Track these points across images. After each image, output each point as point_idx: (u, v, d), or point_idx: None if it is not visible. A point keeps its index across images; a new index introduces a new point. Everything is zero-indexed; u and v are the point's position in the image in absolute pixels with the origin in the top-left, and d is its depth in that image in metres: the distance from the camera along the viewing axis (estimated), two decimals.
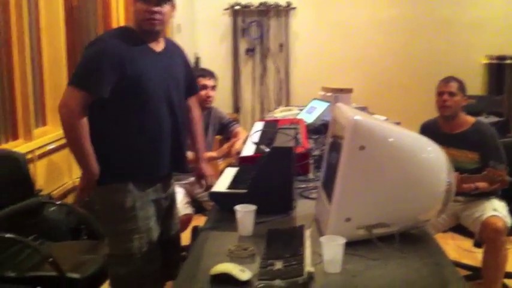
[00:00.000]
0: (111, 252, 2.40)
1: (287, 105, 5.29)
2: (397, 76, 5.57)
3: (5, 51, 3.30)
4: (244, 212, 1.96)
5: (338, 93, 4.24)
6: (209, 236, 2.01)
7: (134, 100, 2.29)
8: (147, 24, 2.31)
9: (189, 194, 3.47)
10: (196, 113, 2.71)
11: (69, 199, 3.93)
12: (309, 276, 1.59)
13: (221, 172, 4.21)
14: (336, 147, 1.95)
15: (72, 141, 2.27)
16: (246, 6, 5.62)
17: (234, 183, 2.33)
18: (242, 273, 1.60)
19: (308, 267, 1.63)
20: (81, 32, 4.15)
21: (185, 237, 3.23)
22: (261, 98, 5.52)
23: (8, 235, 2.49)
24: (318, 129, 3.67)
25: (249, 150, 2.93)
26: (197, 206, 3.51)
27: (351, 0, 5.59)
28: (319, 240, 1.71)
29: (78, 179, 2.39)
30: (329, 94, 4.30)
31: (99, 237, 3.36)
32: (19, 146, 3.29)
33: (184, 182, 3.43)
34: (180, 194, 3.30)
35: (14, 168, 2.78)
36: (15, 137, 3.42)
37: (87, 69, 2.25)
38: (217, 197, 2.25)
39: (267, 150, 2.20)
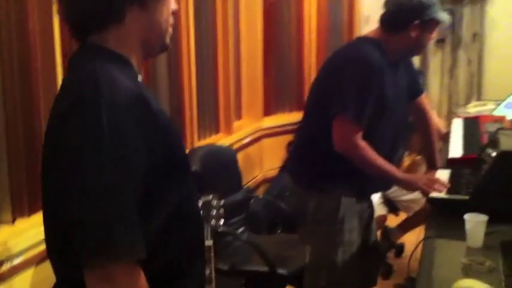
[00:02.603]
0: (314, 261, 2.42)
1: (478, 99, 4.98)
2: None
3: (211, 52, 3.45)
4: (476, 222, 1.85)
5: None
6: (435, 245, 1.92)
7: (375, 121, 2.27)
8: (416, 54, 2.48)
9: (383, 193, 3.42)
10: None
11: (260, 191, 4.05)
12: None
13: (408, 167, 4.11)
14: None
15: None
16: None
17: (453, 188, 2.22)
18: None
19: None
20: (277, 27, 4.22)
21: None
22: (449, 91, 5.26)
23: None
24: None
25: (456, 150, 2.79)
26: (391, 205, 3.44)
27: None
28: None
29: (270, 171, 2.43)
30: None
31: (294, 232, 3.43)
32: (220, 140, 3.44)
33: None
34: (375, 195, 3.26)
35: (227, 163, 2.89)
36: (216, 131, 3.57)
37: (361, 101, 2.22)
38: (437, 202, 2.15)
39: (493, 154, 2.06)
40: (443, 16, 2.30)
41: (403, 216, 3.52)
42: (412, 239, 3.64)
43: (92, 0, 1.22)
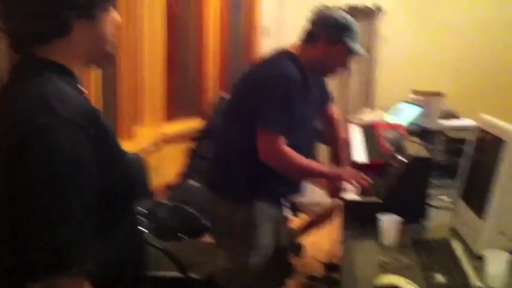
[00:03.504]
0: (227, 266, 2.44)
1: (369, 107, 5.23)
2: (495, 79, 5.38)
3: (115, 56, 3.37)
4: (391, 222, 1.95)
5: (430, 97, 4.17)
6: (353, 245, 2.00)
7: (294, 132, 2.32)
8: (332, 73, 2.49)
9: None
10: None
11: (161, 198, 4.00)
12: None
13: None
14: (484, 159, 1.92)
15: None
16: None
17: (363, 191, 2.32)
18: (410, 286, 1.59)
19: (475, 281, 1.61)
20: (179, 35, 4.21)
21: None
22: (344, 100, 5.48)
23: None
24: (418, 135, 3.62)
25: (360, 156, 2.92)
26: (293, 207, 3.52)
27: (447, 1, 5.45)
28: (474, 253, 1.73)
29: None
30: (420, 98, 4.24)
31: (198, 237, 3.43)
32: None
33: None
34: None
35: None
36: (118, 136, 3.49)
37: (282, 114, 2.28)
38: (352, 204, 2.24)
39: (403, 159, 2.18)
40: (355, 46, 2.38)
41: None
42: (310, 239, 3.79)
43: (38, 16, 1.19)
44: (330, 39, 2.34)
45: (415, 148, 2.32)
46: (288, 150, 2.27)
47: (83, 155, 1.12)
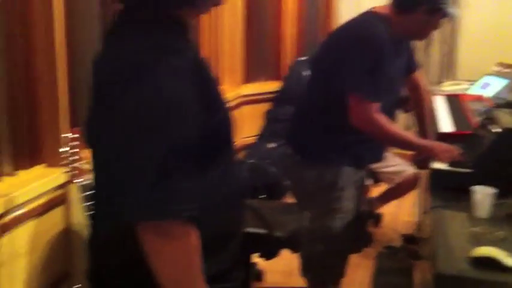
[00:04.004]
0: (311, 227, 2.48)
1: (452, 79, 5.11)
2: None
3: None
4: (485, 194, 1.94)
5: None
6: (443, 215, 1.99)
7: None
8: (424, 38, 2.49)
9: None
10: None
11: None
12: None
13: None
14: None
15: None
16: None
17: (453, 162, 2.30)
18: (509, 259, 1.59)
19: None
20: None
21: None
22: (424, 70, 5.36)
23: None
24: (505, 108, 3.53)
25: (446, 126, 2.88)
26: (373, 176, 3.52)
27: None
28: None
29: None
30: (507, 70, 4.12)
31: (278, 198, 3.48)
32: None
33: None
34: None
35: None
36: None
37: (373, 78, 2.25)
38: (440, 174, 2.23)
39: (495, 130, 2.15)
40: (453, 11, 2.34)
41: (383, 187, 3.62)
42: (389, 210, 3.78)
43: None
44: (431, 8, 2.30)
45: (508, 119, 2.27)
46: (381, 117, 2.26)
47: (186, 100, 1.13)
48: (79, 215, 2.33)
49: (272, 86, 4.73)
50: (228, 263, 1.35)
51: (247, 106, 4.41)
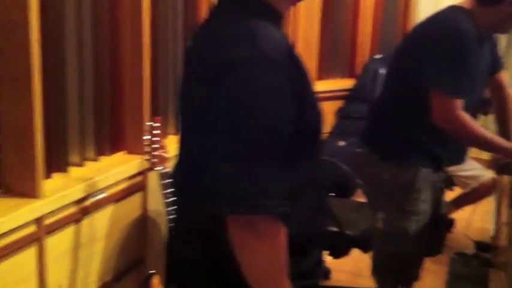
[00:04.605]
0: (386, 229, 2.45)
1: None
2: None
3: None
4: None
5: None
6: None
7: None
8: (502, 32, 2.38)
9: None
10: None
11: None
12: None
13: None
14: None
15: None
16: None
17: None
18: None
19: None
20: None
21: None
22: (507, 69, 5.16)
23: None
24: None
25: None
26: (447, 180, 3.43)
27: None
28: None
29: None
30: None
31: (348, 196, 3.46)
32: None
33: None
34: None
35: None
36: None
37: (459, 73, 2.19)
38: None
39: None
40: None
41: (457, 191, 3.53)
42: (462, 215, 3.69)
43: None
44: None
45: None
46: (465, 115, 2.18)
47: (280, 92, 1.11)
48: (157, 203, 2.38)
49: (345, 83, 4.69)
50: (314, 260, 1.35)
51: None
